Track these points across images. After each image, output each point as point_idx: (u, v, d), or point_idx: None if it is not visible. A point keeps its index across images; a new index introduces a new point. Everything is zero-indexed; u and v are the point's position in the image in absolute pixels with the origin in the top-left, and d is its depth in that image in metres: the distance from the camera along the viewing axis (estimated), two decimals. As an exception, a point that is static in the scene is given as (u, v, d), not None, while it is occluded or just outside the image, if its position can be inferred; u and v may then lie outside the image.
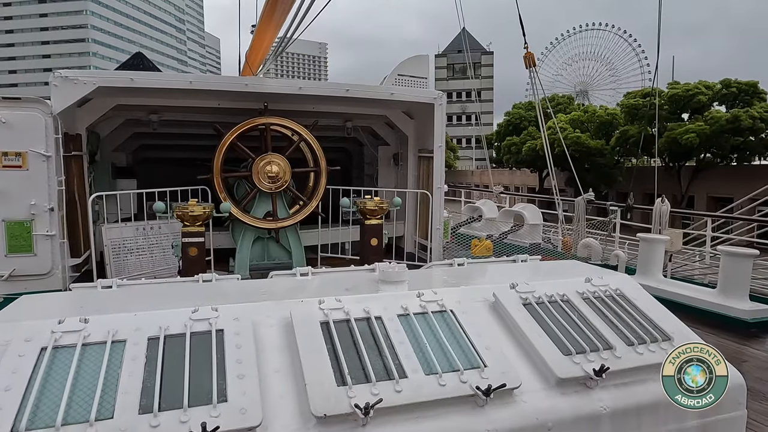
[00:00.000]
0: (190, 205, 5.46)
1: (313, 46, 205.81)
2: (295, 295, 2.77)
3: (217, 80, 6.70)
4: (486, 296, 2.84)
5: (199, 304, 2.49)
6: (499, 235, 10.46)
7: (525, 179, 58.10)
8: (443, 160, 7.55)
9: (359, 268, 3.48)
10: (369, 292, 2.84)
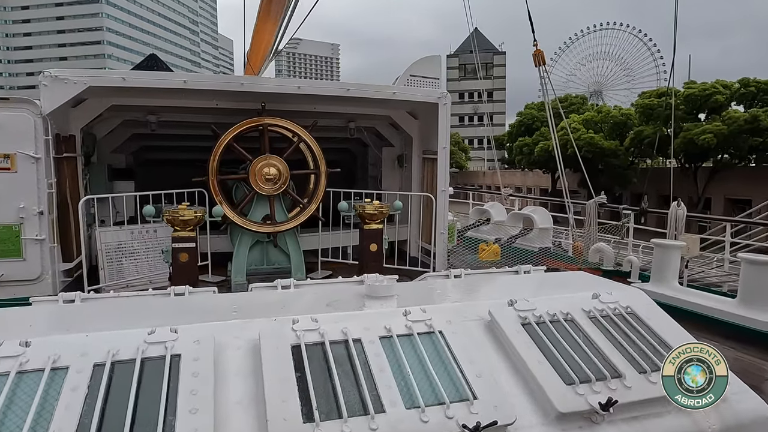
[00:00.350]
0: (180, 209, 5.25)
1: (325, 47, 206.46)
2: (270, 312, 2.52)
3: (212, 80, 6.50)
4: (481, 314, 2.57)
5: (163, 323, 2.26)
6: (507, 239, 10.14)
7: (537, 180, 57.45)
8: (447, 161, 7.27)
9: (347, 280, 3.23)
10: (352, 308, 2.58)
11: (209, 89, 6.38)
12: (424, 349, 2.24)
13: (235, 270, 6.88)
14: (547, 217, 10.26)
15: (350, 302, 2.67)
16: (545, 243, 9.94)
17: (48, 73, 5.67)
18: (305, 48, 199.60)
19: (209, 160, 6.53)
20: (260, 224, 6.81)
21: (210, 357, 2.03)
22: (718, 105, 37.83)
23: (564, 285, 3.23)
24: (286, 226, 6.86)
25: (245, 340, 2.20)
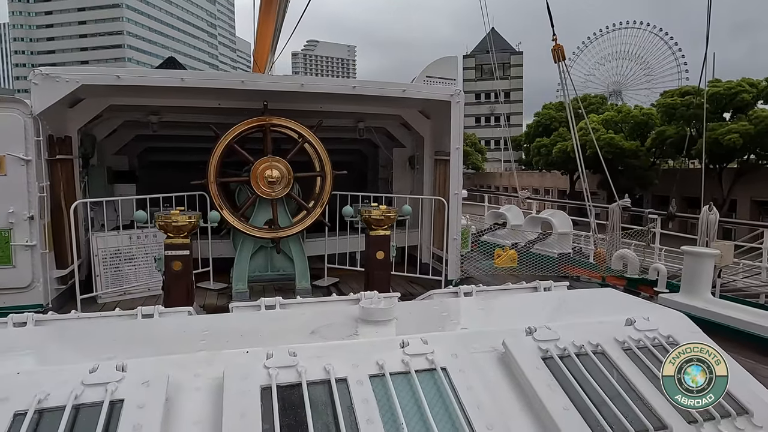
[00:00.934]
0: (173, 214, 4.93)
1: (341, 49, 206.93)
2: (245, 340, 2.16)
3: (211, 77, 6.20)
4: (494, 344, 2.16)
5: (118, 353, 1.91)
6: (525, 245, 9.66)
7: (555, 181, 56.44)
8: (461, 163, 6.85)
9: (341, 298, 2.85)
10: (342, 336, 2.19)
11: (208, 87, 6.07)
12: (423, 391, 1.85)
13: (236, 277, 6.56)
14: (567, 221, 9.76)
15: (340, 328, 2.28)
16: (565, 248, 9.45)
17: (39, 72, 5.40)
18: (322, 50, 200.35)
19: (208, 162, 6.22)
20: (262, 229, 6.48)
21: (159, 403, 1.66)
22: (744, 104, 36.62)
23: (591, 305, 2.80)
24: (289, 231, 6.51)
25: (208, 378, 1.84)
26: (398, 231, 7.54)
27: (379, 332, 2.25)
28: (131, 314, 2.55)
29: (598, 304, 2.80)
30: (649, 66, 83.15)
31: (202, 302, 6.45)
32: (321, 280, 7.35)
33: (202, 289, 7.01)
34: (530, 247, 9.62)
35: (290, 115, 6.59)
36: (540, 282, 3.14)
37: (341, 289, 7.22)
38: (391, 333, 2.26)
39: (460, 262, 7.10)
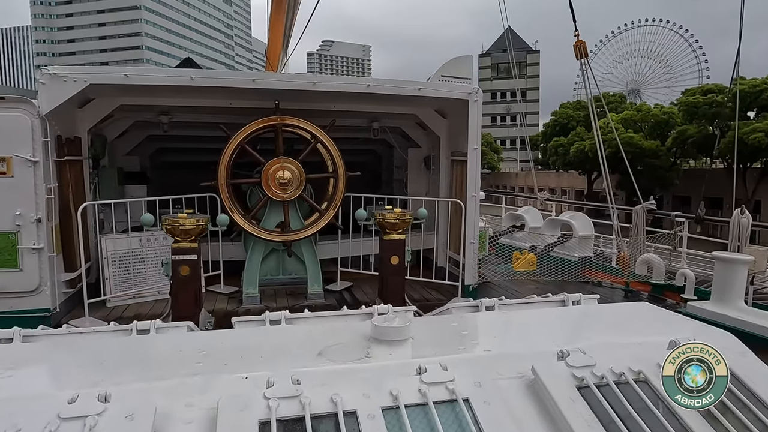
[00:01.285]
0: (180, 217, 4.77)
1: (356, 49, 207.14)
2: (246, 362, 1.95)
3: (220, 76, 6.04)
4: (521, 369, 1.93)
5: (104, 377, 1.73)
6: (544, 248, 9.35)
7: (573, 182, 55.61)
8: (479, 164, 6.60)
9: (353, 312, 2.63)
10: (351, 358, 1.98)
11: (218, 86, 5.91)
12: (444, 426, 1.62)
13: (246, 281, 6.40)
14: (588, 223, 9.43)
15: (350, 348, 2.07)
16: (586, 252, 9.12)
17: (46, 71, 5.29)
18: (337, 50, 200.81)
19: (218, 163, 6.07)
20: (272, 232, 6.31)
21: (144, 440, 1.46)
22: (770, 102, 35.63)
23: (626, 323, 2.54)
24: (301, 234, 6.33)
25: (201, 409, 1.63)
26: (413, 234, 7.32)
27: (393, 354, 2.03)
28: (126, 329, 2.36)
29: (635, 322, 2.54)
30: (669, 64, 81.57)
31: (212, 307, 6.30)
32: (334, 285, 7.16)
33: (213, 292, 6.87)
34: (549, 250, 9.31)
35: (303, 115, 6.41)
36: (568, 295, 2.89)
37: (354, 294, 7.02)
38: (406, 355, 2.04)
39: (478, 266, 6.85)
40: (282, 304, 6.44)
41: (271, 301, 6.54)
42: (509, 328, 2.48)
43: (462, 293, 6.57)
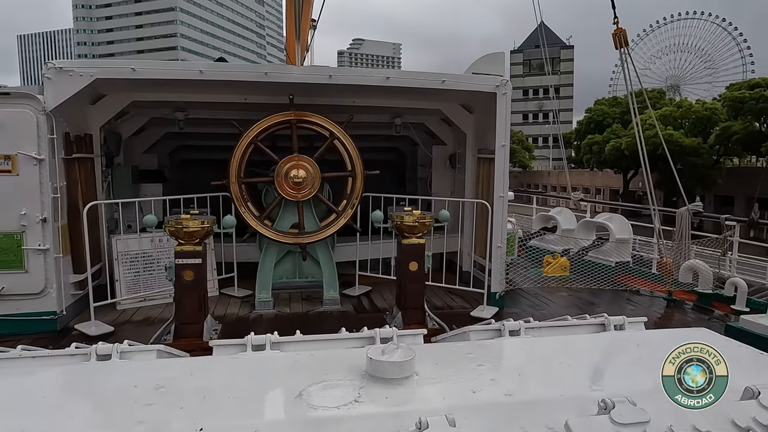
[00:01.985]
0: (183, 218, 4.48)
1: (386, 47, 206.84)
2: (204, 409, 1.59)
3: (232, 69, 5.74)
4: (552, 423, 1.50)
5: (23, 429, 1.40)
6: (578, 251, 8.78)
7: (607, 180, 53.89)
8: (507, 162, 6.12)
9: (352, 336, 2.25)
10: (337, 402, 1.59)
11: (229, 80, 5.61)
12: None
13: (259, 285, 6.10)
14: (626, 226, 8.81)
15: (339, 389, 1.68)
16: (623, 257, 8.51)
17: (52, 65, 5.09)
18: (367, 48, 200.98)
19: (229, 162, 5.78)
20: (286, 234, 5.99)
21: None
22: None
23: (683, 356, 2.07)
24: (316, 237, 5.99)
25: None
26: (436, 236, 6.90)
27: (389, 398, 1.63)
28: (84, 353, 2.04)
29: (694, 355, 2.07)
30: (711, 58, 78.20)
31: (223, 311, 6.04)
32: (351, 289, 6.80)
33: (226, 296, 6.61)
34: (584, 254, 8.73)
35: (321, 111, 6.07)
36: (609, 318, 2.43)
37: (373, 299, 6.65)
38: (406, 399, 1.65)
39: (506, 272, 6.37)
40: (296, 309, 6.12)
41: (285, 306, 6.23)
42: (537, 361, 2.05)
43: (488, 301, 6.11)
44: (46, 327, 5.20)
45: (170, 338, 4.48)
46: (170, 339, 4.48)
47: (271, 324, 5.54)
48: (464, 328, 2.45)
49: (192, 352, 4.48)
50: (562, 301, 7.01)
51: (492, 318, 5.90)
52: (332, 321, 5.71)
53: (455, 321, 5.56)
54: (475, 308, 6.09)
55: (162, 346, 2.18)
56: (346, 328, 5.03)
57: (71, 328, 5.29)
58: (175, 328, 4.53)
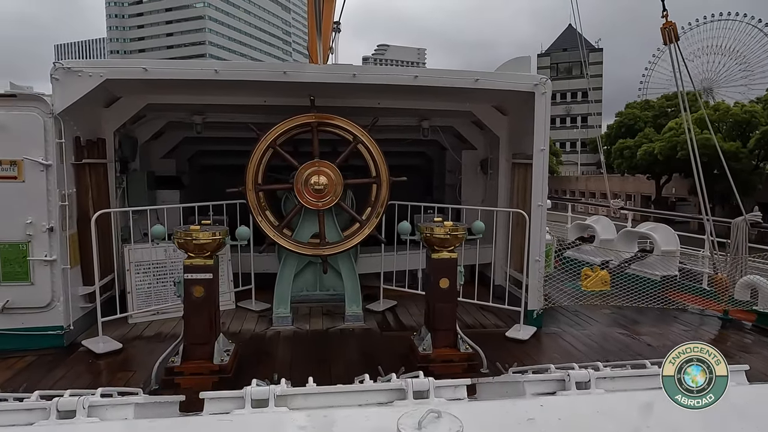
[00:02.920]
0: (193, 230, 4.11)
1: (411, 52, 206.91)
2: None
3: (248, 68, 5.39)
4: None
5: None
6: (619, 264, 8.15)
7: (639, 186, 52.25)
8: (546, 168, 5.61)
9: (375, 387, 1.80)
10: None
11: (246, 80, 5.26)
12: None
13: (277, 299, 5.71)
14: (672, 236, 8.13)
15: None
16: (670, 270, 7.84)
17: (60, 65, 4.81)
18: (392, 54, 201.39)
19: (246, 167, 5.42)
20: (306, 245, 5.59)
21: None
22: None
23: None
24: (337, 249, 5.57)
25: None
26: (467, 246, 6.41)
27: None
28: (44, 407, 1.64)
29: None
30: (746, 60, 75.47)
31: (239, 326, 5.66)
32: (375, 303, 6.36)
33: (243, 309, 6.24)
34: (626, 266, 8.09)
35: (344, 113, 5.67)
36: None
37: (399, 315, 6.18)
38: None
39: (542, 290, 5.82)
40: (316, 326, 5.71)
41: (305, 321, 5.82)
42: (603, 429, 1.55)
43: (524, 319, 5.59)
44: (53, 342, 4.90)
45: (178, 360, 4.11)
46: (178, 361, 4.11)
47: (289, 343, 5.14)
48: (516, 375, 1.97)
49: (199, 376, 4.12)
50: (604, 319, 6.43)
51: (530, 338, 5.38)
52: (354, 340, 5.27)
53: (489, 342, 5.07)
54: (510, 327, 5.57)
55: (141, 398, 1.76)
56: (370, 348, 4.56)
57: (79, 344, 4.98)
58: (184, 348, 4.16)
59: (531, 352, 5.08)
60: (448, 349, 4.46)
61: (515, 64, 6.32)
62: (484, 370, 4.42)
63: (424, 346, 4.43)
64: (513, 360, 4.79)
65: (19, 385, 4.17)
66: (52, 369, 4.46)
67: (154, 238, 4.49)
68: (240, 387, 1.67)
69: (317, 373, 4.42)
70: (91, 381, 4.23)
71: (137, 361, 4.67)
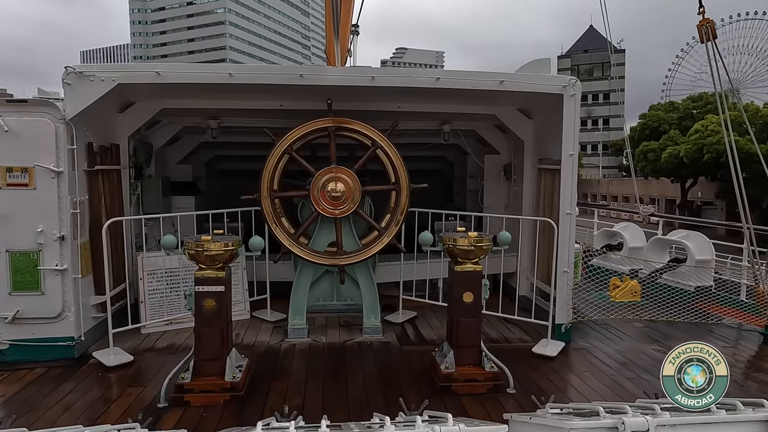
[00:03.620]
0: (204, 240, 3.93)
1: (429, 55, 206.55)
2: None
3: (263, 71, 5.20)
4: None
5: None
6: (650, 274, 7.78)
7: (663, 189, 51.00)
8: (575, 174, 5.31)
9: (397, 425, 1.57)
10: None
11: (261, 83, 5.08)
12: None
13: (293, 310, 5.51)
14: (707, 245, 7.72)
15: None
16: (704, 281, 7.43)
17: (72, 69, 4.69)
18: (410, 57, 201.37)
19: (261, 173, 5.24)
20: (322, 255, 5.38)
21: None
22: None
23: None
24: (355, 258, 5.35)
25: None
26: (490, 255, 6.13)
27: None
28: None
29: None
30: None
31: (253, 338, 5.47)
32: (395, 315, 6.12)
33: (258, 319, 6.06)
34: (657, 276, 7.72)
35: (362, 117, 5.45)
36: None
37: (419, 327, 5.93)
38: None
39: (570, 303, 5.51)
40: (333, 338, 5.49)
41: (321, 333, 5.61)
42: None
43: (552, 334, 5.28)
44: (63, 354, 4.77)
45: (188, 376, 3.93)
46: (188, 377, 3.92)
47: (304, 357, 4.93)
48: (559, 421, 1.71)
49: (210, 394, 3.93)
50: (635, 333, 6.09)
51: (558, 354, 5.08)
52: (372, 354, 5.03)
53: (515, 359, 4.79)
54: (536, 342, 5.27)
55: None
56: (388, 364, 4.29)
57: (89, 356, 4.84)
58: (194, 364, 3.98)
59: (560, 370, 4.78)
60: (471, 367, 4.20)
61: (535, 66, 6.04)
62: (510, 391, 4.15)
63: (447, 363, 4.17)
64: (541, 379, 4.51)
65: (27, 398, 4.05)
66: (60, 383, 4.32)
67: (164, 248, 4.32)
68: (252, 406, 1.45)
69: (332, 391, 4.21)
70: (99, 397, 4.08)
71: (148, 375, 4.51)
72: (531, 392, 4.18)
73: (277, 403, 3.93)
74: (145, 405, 3.89)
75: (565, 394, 4.27)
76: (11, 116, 4.54)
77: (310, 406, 3.84)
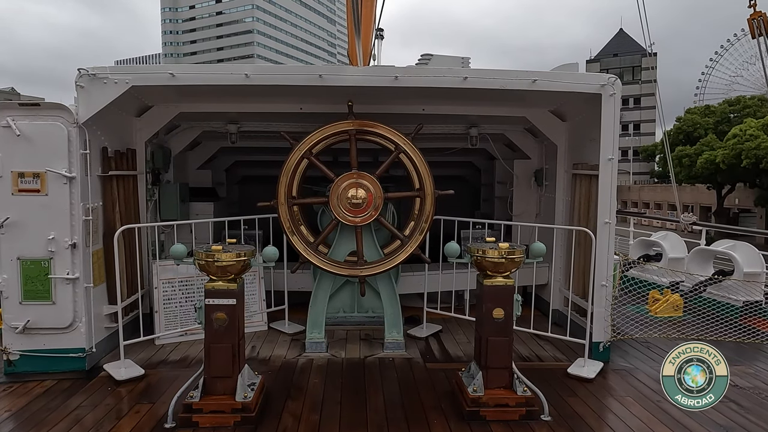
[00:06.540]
0: (215, 250, 3.69)
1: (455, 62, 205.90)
2: None
3: (280, 72, 4.96)
4: None
5: None
6: (692, 287, 7.25)
7: (697, 196, 49.26)
8: (615, 180, 4.91)
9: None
10: None
11: (279, 84, 4.85)
12: None
13: (310, 323, 5.23)
14: (757, 257, 7.16)
15: None
16: (754, 295, 6.87)
17: (84, 71, 4.54)
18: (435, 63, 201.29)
19: (278, 179, 5.00)
20: (341, 265, 5.10)
21: None
22: None
23: None
24: (377, 268, 5.06)
25: None
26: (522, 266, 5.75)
27: None
28: None
29: None
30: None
31: (269, 352, 5.22)
32: (418, 328, 5.79)
33: (275, 331, 5.82)
34: (701, 290, 7.19)
35: (384, 120, 5.18)
36: None
37: (444, 342, 5.58)
38: None
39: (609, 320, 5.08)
40: (352, 353, 5.19)
41: (340, 347, 5.32)
42: None
43: (589, 352, 4.87)
44: (74, 365, 4.60)
45: (197, 395, 3.68)
46: (197, 396, 3.68)
47: (321, 374, 4.64)
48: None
49: (220, 415, 3.67)
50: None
51: (596, 376, 4.67)
52: (394, 372, 4.71)
53: (549, 381, 4.41)
54: (572, 362, 4.86)
55: None
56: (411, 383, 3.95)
57: (100, 368, 4.66)
58: (204, 382, 3.73)
59: (599, 394, 4.37)
60: (502, 390, 3.84)
61: (563, 71, 5.65)
62: (545, 418, 3.77)
63: (475, 386, 3.83)
64: (579, 404, 4.11)
65: (34, 413, 3.87)
66: (68, 397, 4.14)
67: (173, 257, 4.10)
68: (264, 428, 1.19)
69: (350, 414, 3.90)
70: (106, 414, 3.87)
71: (158, 390, 4.29)
72: (568, 420, 3.83)
73: (291, 426, 3.66)
74: (152, 425, 3.66)
75: (605, 422, 3.88)
76: (23, 120, 4.41)
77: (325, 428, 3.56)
